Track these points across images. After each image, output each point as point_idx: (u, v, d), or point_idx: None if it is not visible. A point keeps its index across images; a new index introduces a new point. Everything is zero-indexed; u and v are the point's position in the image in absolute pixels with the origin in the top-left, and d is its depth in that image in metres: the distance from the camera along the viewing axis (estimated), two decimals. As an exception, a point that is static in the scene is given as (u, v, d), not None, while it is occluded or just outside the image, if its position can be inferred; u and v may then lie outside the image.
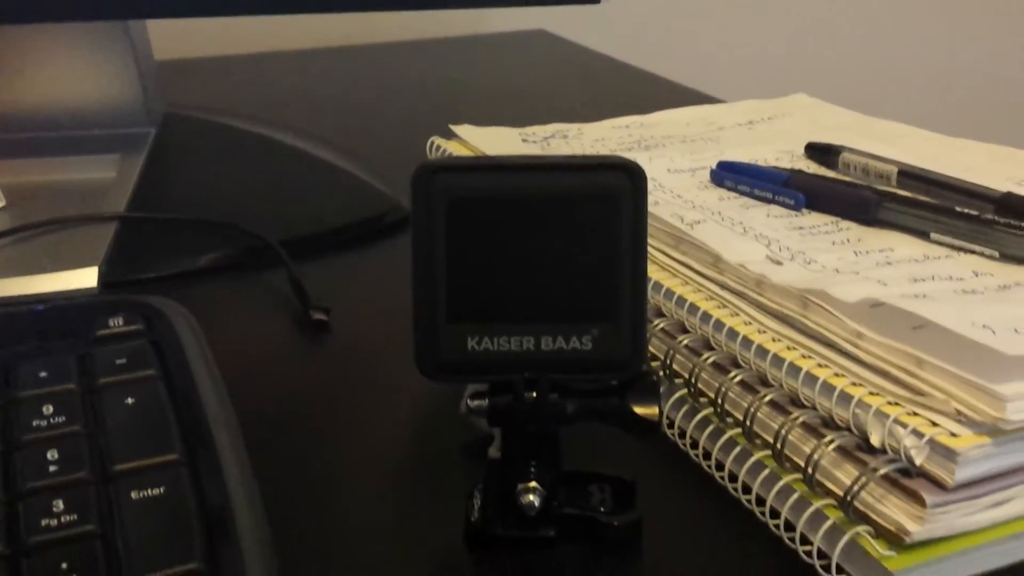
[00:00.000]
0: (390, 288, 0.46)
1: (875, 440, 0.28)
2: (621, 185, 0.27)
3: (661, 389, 0.29)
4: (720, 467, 0.32)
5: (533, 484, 0.29)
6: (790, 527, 0.29)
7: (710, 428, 0.33)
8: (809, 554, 0.28)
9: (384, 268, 0.49)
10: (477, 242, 0.27)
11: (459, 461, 0.34)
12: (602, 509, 0.30)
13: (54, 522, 0.25)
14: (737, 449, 0.31)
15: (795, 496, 0.29)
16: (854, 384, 0.29)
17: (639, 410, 0.28)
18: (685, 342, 0.34)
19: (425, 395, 0.37)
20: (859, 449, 0.29)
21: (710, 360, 0.33)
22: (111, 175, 0.52)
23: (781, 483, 0.29)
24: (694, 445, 0.33)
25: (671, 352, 0.35)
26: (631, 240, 0.27)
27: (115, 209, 0.49)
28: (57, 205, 0.49)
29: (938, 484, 0.27)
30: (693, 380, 0.33)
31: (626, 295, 0.28)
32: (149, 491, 0.26)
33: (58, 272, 0.44)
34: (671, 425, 0.35)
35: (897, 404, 0.28)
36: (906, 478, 0.27)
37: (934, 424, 0.27)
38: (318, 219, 0.51)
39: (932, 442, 0.27)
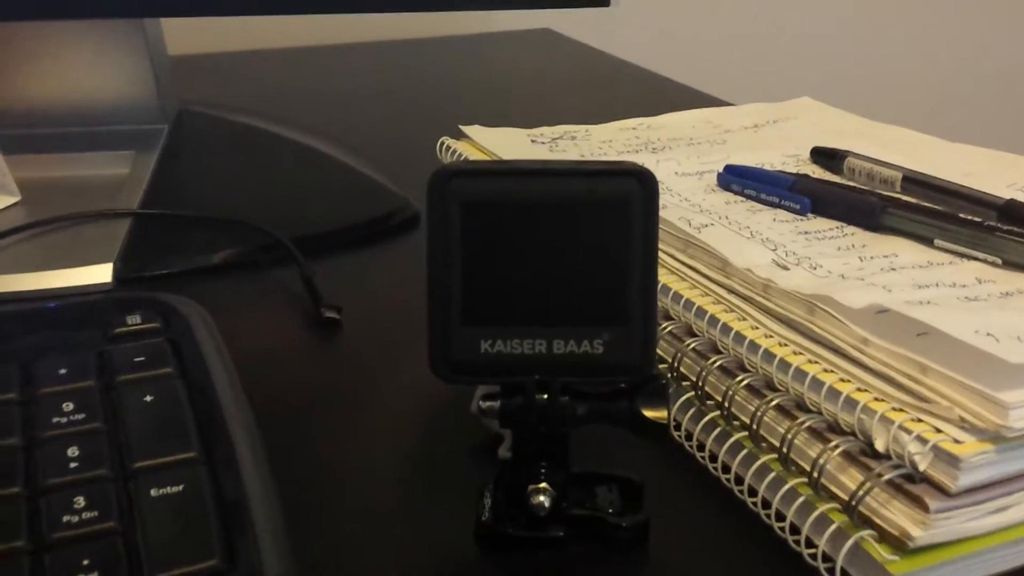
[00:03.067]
0: (401, 287, 0.46)
1: (880, 445, 0.28)
2: (633, 191, 0.28)
3: (670, 392, 0.29)
4: (727, 470, 0.33)
5: (543, 485, 0.29)
6: (795, 530, 0.30)
7: (717, 431, 0.33)
8: (814, 557, 0.29)
9: (394, 267, 0.49)
10: (491, 246, 0.28)
11: (470, 461, 0.34)
12: (610, 510, 0.31)
13: (75, 518, 0.25)
14: (744, 452, 0.32)
15: (800, 500, 0.30)
16: (859, 390, 0.30)
17: (648, 413, 0.29)
18: (693, 345, 0.35)
19: (436, 394, 0.38)
20: (864, 454, 0.29)
21: (717, 364, 0.34)
22: (125, 171, 0.52)
23: (787, 487, 0.30)
24: (701, 447, 0.34)
25: (679, 355, 0.35)
26: (642, 246, 0.28)
27: (129, 205, 0.49)
28: (71, 201, 0.49)
29: (941, 490, 0.27)
30: (700, 383, 0.34)
31: (637, 300, 0.28)
32: (168, 489, 0.26)
33: (72, 268, 0.44)
34: (678, 427, 0.35)
35: (902, 410, 0.29)
36: (910, 483, 0.28)
37: (938, 430, 0.28)
38: (329, 217, 0.52)
39: (936, 448, 0.27)
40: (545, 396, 0.29)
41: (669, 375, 0.36)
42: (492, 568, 0.29)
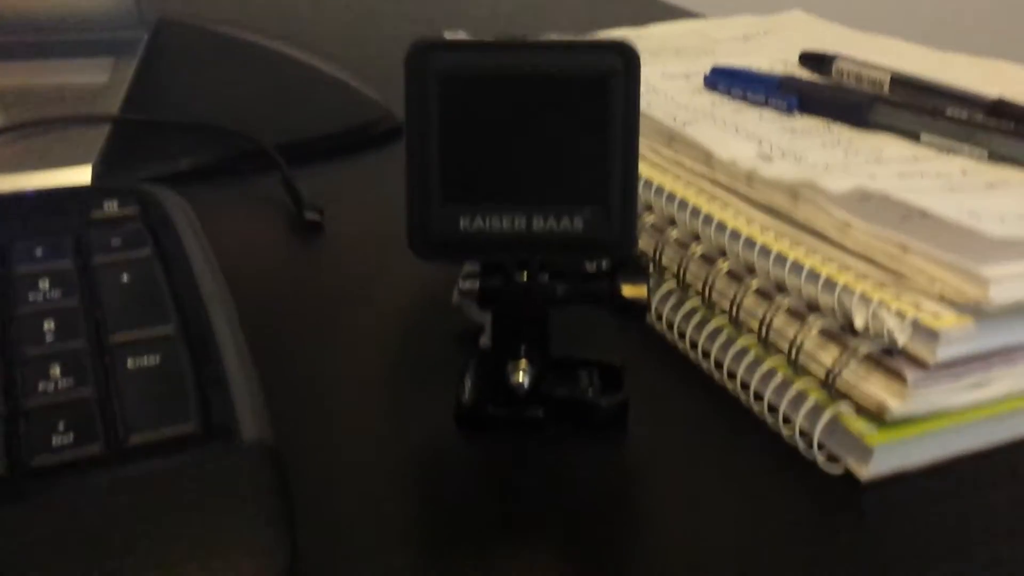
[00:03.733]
0: (382, 194, 0.46)
1: (859, 323, 0.28)
2: (614, 65, 0.27)
3: (651, 291, 0.29)
4: (707, 356, 0.33)
5: (523, 365, 0.29)
6: (774, 410, 0.30)
7: (697, 317, 0.33)
8: (793, 435, 0.29)
9: (376, 176, 0.49)
10: (470, 121, 0.28)
11: (451, 351, 0.34)
12: (590, 392, 0.31)
13: (51, 386, 0.25)
14: (723, 336, 0.32)
15: (779, 378, 0.30)
16: (840, 271, 0.30)
17: (628, 291, 0.29)
18: (674, 235, 0.35)
19: (418, 289, 0.38)
20: (843, 331, 0.29)
21: (698, 252, 0.34)
22: (104, 79, 0.52)
23: (765, 366, 0.30)
24: (682, 336, 0.34)
25: (660, 246, 0.35)
26: (623, 122, 0.28)
27: (108, 112, 0.49)
28: (50, 107, 0.48)
29: (920, 363, 0.27)
30: (681, 273, 0.34)
31: (617, 177, 0.28)
32: (145, 360, 0.26)
33: (51, 170, 0.44)
34: (659, 318, 0.35)
35: (882, 288, 0.29)
36: (888, 358, 0.28)
37: (918, 307, 0.28)
38: (311, 126, 0.51)
39: (915, 323, 0.27)
40: (525, 276, 0.29)
41: (651, 267, 0.35)
42: (471, 448, 0.29)
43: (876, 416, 0.27)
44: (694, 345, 0.33)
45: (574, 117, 0.28)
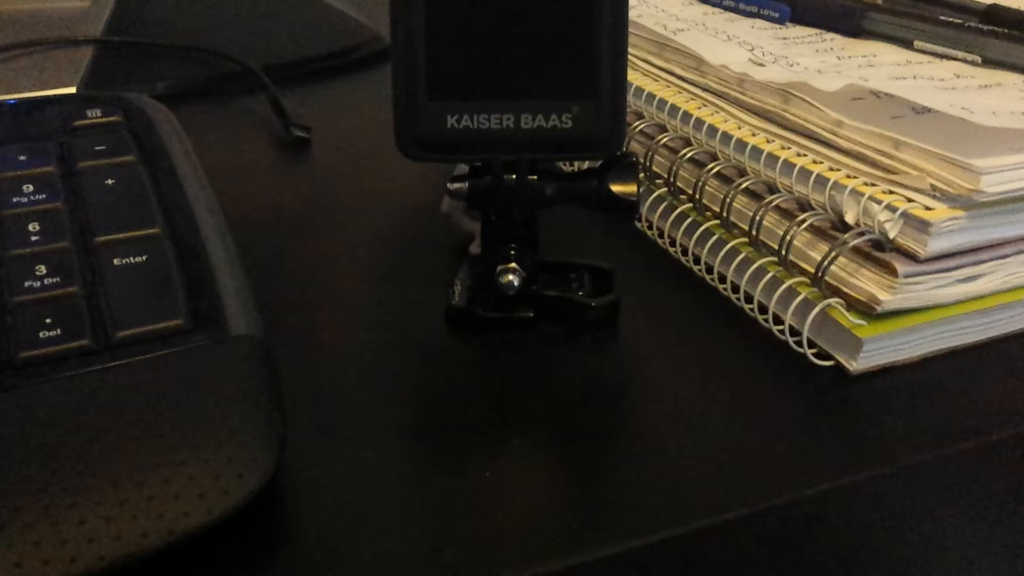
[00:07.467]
0: (369, 114, 0.46)
1: (850, 218, 0.28)
2: (601, -44, 0.27)
3: (640, 188, 0.29)
4: (698, 260, 0.33)
5: (512, 265, 0.29)
6: (765, 310, 0.30)
7: (687, 222, 0.33)
8: (783, 333, 0.29)
9: (363, 97, 0.48)
10: (457, 16, 0.27)
11: (441, 259, 0.34)
12: (580, 293, 0.30)
13: (37, 284, 0.25)
14: (713, 239, 0.32)
15: (768, 276, 0.29)
16: (831, 169, 0.30)
17: (618, 189, 0.29)
18: (664, 141, 0.34)
19: (408, 203, 0.37)
20: (834, 229, 0.29)
21: (689, 155, 0.33)
22: (86, 2, 0.51)
23: (755, 266, 0.30)
24: (672, 242, 0.34)
25: (650, 153, 0.35)
26: (612, 16, 0.27)
27: (92, 35, 0.48)
28: (33, 30, 0.48)
29: (911, 256, 0.27)
30: (672, 178, 0.34)
31: (606, 72, 0.27)
32: (132, 259, 0.26)
33: (36, 92, 0.43)
34: (650, 226, 0.35)
35: (873, 184, 0.28)
36: (879, 251, 0.28)
37: (909, 200, 0.27)
38: (296, 49, 0.50)
39: (906, 215, 0.27)
40: (513, 176, 0.28)
41: (641, 175, 0.35)
42: (463, 348, 0.29)
43: (866, 309, 0.27)
44: (684, 250, 0.33)
45: (562, 12, 0.27)
